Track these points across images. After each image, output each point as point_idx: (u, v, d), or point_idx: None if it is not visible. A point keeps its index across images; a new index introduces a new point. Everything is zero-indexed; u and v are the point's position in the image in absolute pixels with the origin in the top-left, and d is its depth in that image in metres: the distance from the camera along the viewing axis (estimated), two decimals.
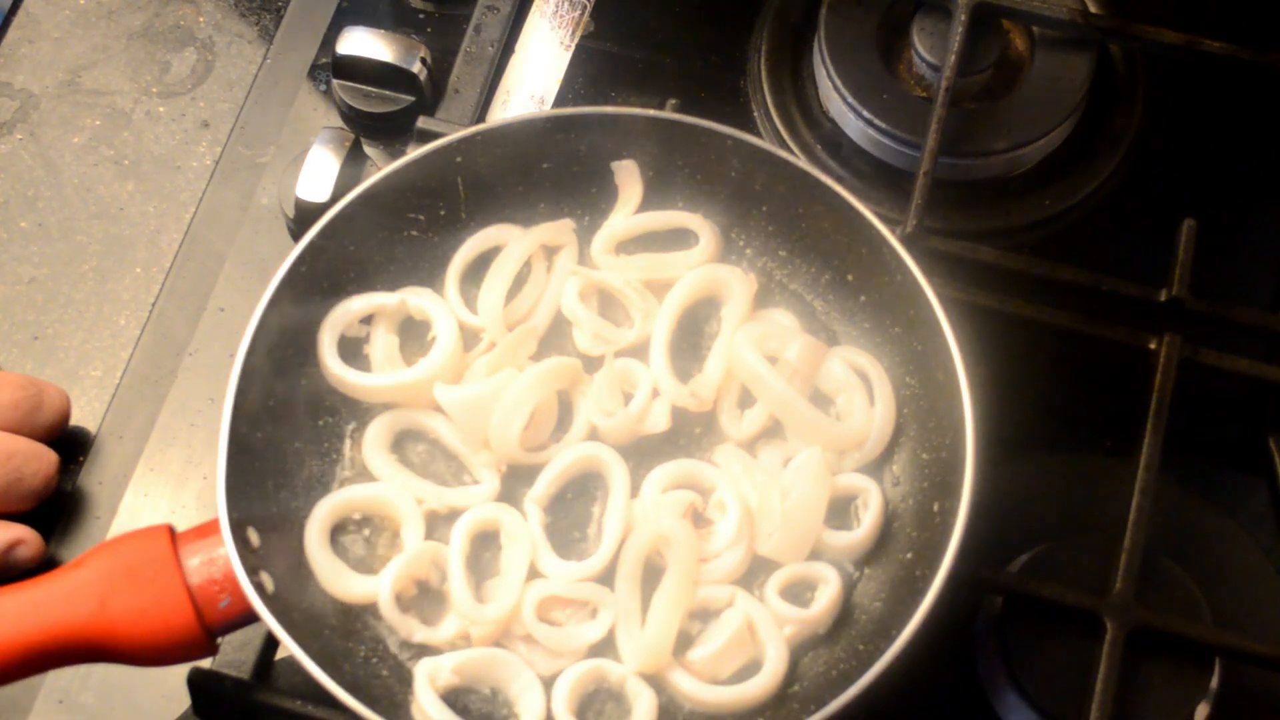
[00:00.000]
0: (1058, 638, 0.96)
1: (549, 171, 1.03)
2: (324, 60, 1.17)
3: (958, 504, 0.90)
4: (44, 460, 1.00)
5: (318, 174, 1.07)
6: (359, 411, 1.00)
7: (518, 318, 1.02)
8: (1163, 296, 1.04)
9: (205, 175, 1.14)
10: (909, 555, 0.95)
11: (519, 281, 1.02)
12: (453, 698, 0.92)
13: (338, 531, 0.96)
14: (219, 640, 0.91)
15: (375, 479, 0.98)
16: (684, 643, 0.94)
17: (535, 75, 1.16)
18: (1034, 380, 1.05)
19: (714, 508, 0.97)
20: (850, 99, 1.13)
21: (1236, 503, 1.06)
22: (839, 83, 1.13)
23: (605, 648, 0.94)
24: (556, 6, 1.19)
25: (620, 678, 0.93)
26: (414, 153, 1.00)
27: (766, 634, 0.93)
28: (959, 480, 0.91)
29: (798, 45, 1.19)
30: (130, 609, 0.88)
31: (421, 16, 1.19)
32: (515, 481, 0.98)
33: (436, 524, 0.97)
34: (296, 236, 0.98)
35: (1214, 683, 0.97)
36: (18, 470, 0.99)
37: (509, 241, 1.03)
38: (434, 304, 1.01)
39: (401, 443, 0.99)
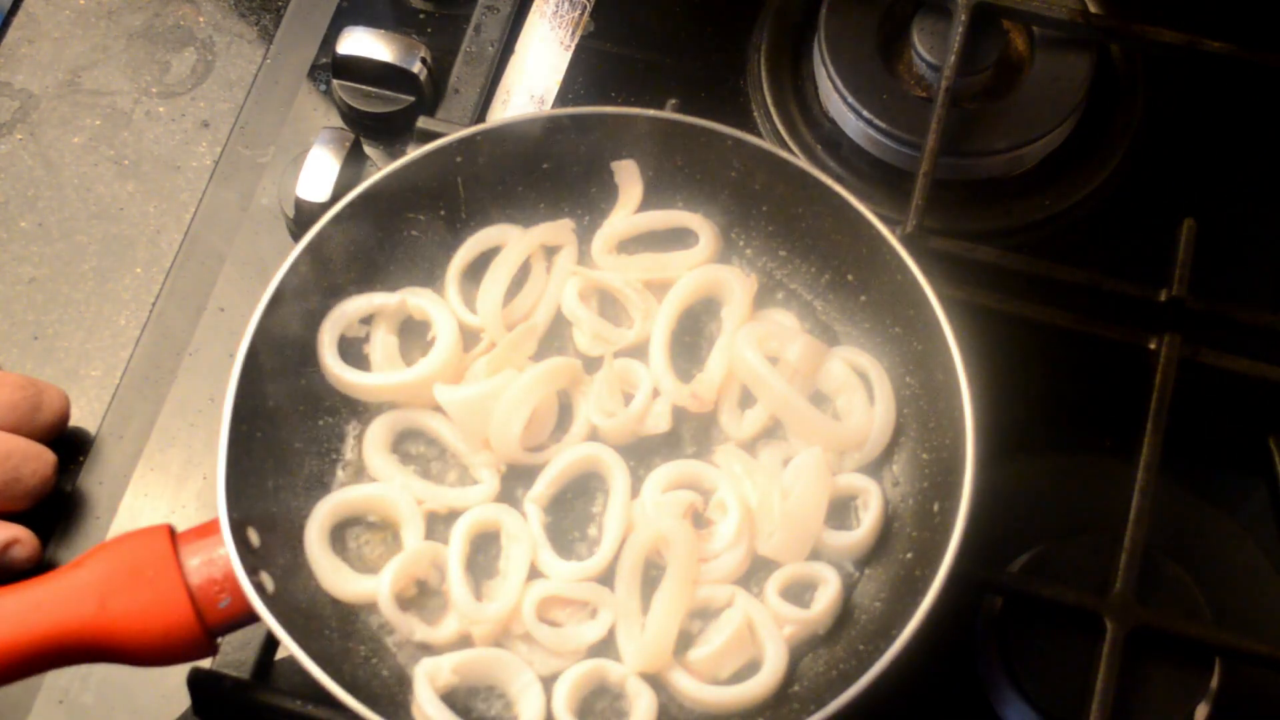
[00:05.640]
0: (1058, 638, 0.96)
1: (549, 171, 1.03)
2: (324, 60, 1.17)
3: (958, 504, 0.90)
4: (42, 460, 1.00)
5: (318, 174, 1.07)
6: (359, 411, 1.00)
7: (517, 318, 1.02)
8: (1163, 296, 1.04)
9: (205, 175, 1.14)
10: (909, 555, 0.95)
11: (519, 281, 1.02)
12: (453, 698, 0.92)
13: (338, 531, 0.96)
14: (219, 640, 0.91)
15: (375, 479, 0.98)
16: (684, 643, 0.94)
17: (535, 75, 1.16)
18: (1034, 380, 1.05)
19: (714, 508, 0.97)
20: (850, 99, 1.13)
21: (1236, 503, 1.06)
22: (839, 83, 1.13)
23: (605, 648, 0.94)
24: (556, 6, 1.19)
25: (620, 678, 0.93)
26: (414, 153, 1.00)
27: (766, 634, 0.93)
28: (959, 480, 0.91)
29: (798, 45, 1.19)
30: (130, 609, 0.88)
31: (421, 16, 1.19)
32: (515, 481, 0.98)
33: (436, 524, 0.97)
34: (296, 236, 0.98)
35: (1214, 683, 0.97)
36: (15, 470, 0.99)
37: (509, 241, 1.03)
38: (434, 304, 1.01)
39: (401, 443, 0.99)
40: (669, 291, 1.02)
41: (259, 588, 0.89)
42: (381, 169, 1.00)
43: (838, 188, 0.99)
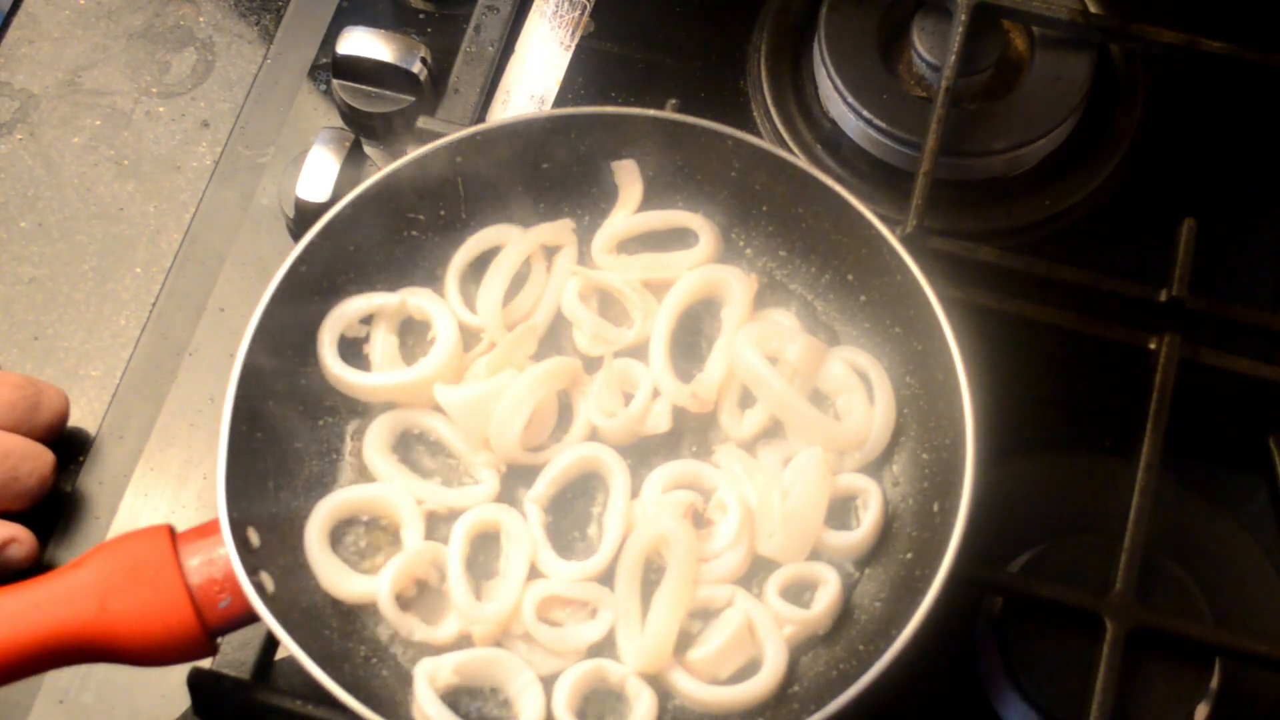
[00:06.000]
0: (1058, 638, 0.96)
1: (549, 171, 1.03)
2: (324, 60, 1.17)
3: (958, 504, 0.90)
4: (40, 460, 1.00)
5: (318, 174, 1.07)
6: (359, 411, 1.00)
7: (518, 318, 1.02)
8: (1163, 296, 1.04)
9: (205, 175, 1.14)
10: (909, 555, 0.95)
11: (519, 281, 1.02)
12: (453, 698, 0.92)
13: (338, 531, 0.96)
14: (219, 640, 0.91)
15: (375, 479, 0.98)
16: (684, 643, 0.94)
17: (535, 75, 1.16)
18: (1034, 380, 1.05)
19: (714, 508, 0.97)
20: (850, 99, 1.13)
21: (1236, 503, 1.06)
22: (839, 83, 1.13)
23: (605, 648, 0.94)
24: (556, 6, 1.19)
25: (620, 678, 0.93)
26: (414, 153, 1.00)
27: (766, 634, 0.93)
28: (959, 480, 0.91)
29: (798, 45, 1.19)
30: (130, 609, 0.88)
31: (421, 16, 1.19)
32: (515, 481, 0.98)
33: (436, 524, 0.97)
34: (296, 236, 0.98)
35: (1214, 683, 0.97)
36: (13, 470, 0.99)
37: (509, 241, 1.03)
38: (434, 304, 1.01)
39: (401, 443, 0.99)
40: (669, 291, 1.02)
41: (259, 588, 0.89)
42: (381, 169, 1.00)
43: (838, 188, 0.99)
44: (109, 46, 1.19)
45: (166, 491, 1.04)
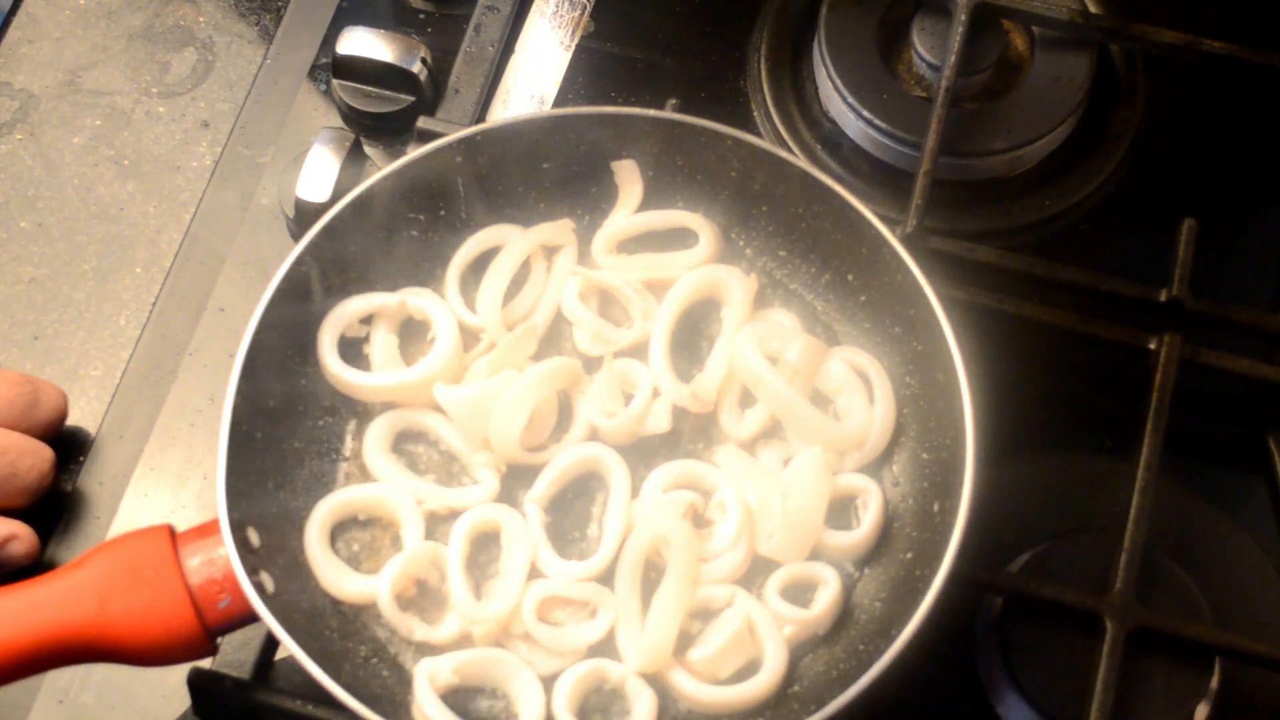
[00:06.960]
0: (1058, 638, 0.96)
1: (549, 171, 1.03)
2: (324, 60, 1.17)
3: (958, 504, 0.90)
4: (39, 456, 1.00)
5: (318, 174, 1.07)
6: (359, 411, 1.00)
7: (518, 318, 1.02)
8: (1163, 296, 1.04)
9: (205, 175, 1.14)
10: (909, 555, 0.95)
11: (519, 281, 1.02)
12: (453, 698, 0.92)
13: (338, 531, 0.96)
14: (219, 640, 0.91)
15: (375, 479, 0.98)
16: (684, 643, 0.94)
17: (535, 75, 1.16)
18: (1034, 380, 1.05)
19: (715, 508, 0.97)
20: (850, 99, 1.13)
21: (1236, 503, 1.06)
22: (839, 83, 1.13)
23: (605, 648, 0.94)
24: (556, 6, 1.19)
25: (620, 678, 0.93)
26: (414, 153, 1.00)
27: (766, 634, 0.93)
28: (959, 480, 0.91)
29: (798, 45, 1.19)
30: (130, 609, 0.88)
31: (421, 16, 1.19)
32: (515, 481, 0.98)
33: (436, 524, 0.97)
34: (296, 236, 0.98)
35: (1214, 683, 0.97)
36: (11, 466, 0.99)
37: (509, 241, 1.03)
38: (434, 304, 1.01)
39: (401, 443, 0.99)
40: (669, 291, 1.02)
41: (259, 588, 0.89)
42: (381, 169, 1.00)
43: (838, 188, 0.99)
44: (109, 46, 1.19)
45: (166, 491, 1.04)
